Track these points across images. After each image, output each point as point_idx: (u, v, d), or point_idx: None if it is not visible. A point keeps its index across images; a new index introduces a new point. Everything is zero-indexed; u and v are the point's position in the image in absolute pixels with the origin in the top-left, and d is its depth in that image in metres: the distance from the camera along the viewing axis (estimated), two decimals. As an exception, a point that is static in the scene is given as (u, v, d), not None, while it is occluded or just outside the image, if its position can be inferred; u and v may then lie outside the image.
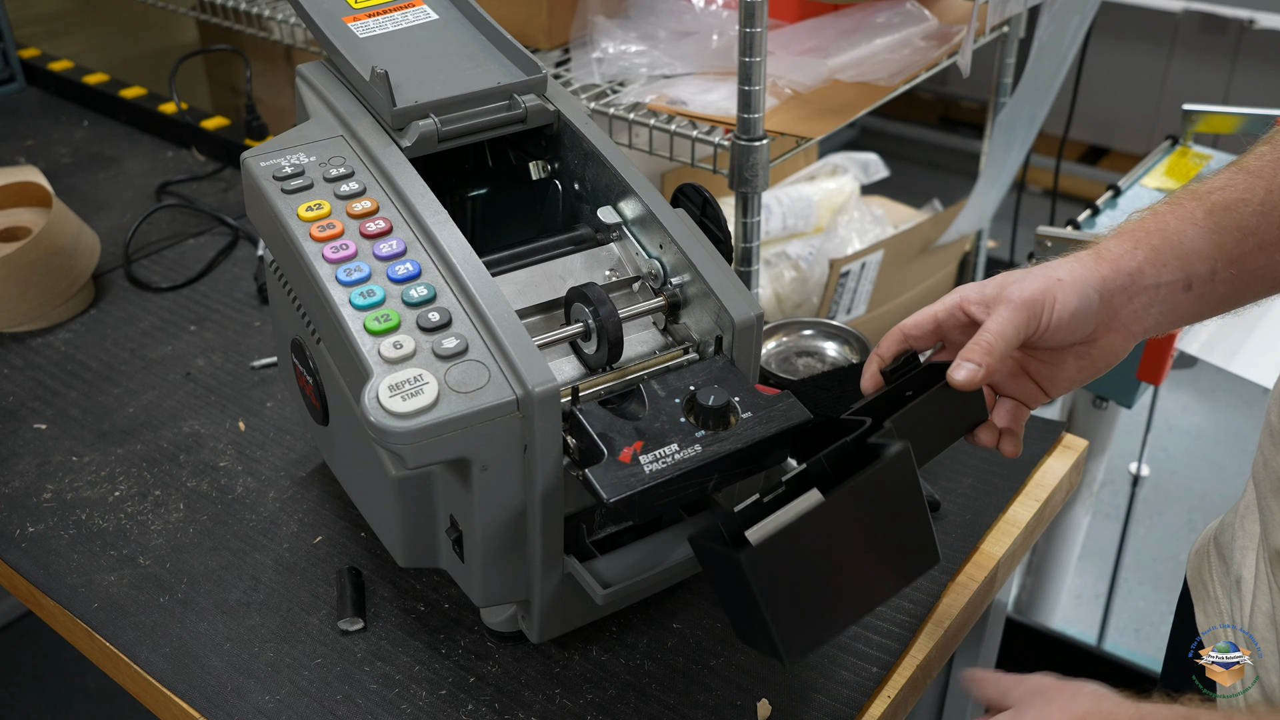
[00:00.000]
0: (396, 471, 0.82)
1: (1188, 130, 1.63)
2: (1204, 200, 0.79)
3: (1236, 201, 0.78)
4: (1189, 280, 0.78)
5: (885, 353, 0.83)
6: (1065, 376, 0.82)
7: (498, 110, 0.90)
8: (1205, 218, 0.78)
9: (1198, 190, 0.80)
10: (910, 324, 0.82)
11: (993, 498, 1.06)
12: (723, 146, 1.23)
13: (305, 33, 1.60)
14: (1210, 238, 0.77)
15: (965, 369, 0.75)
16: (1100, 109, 3.29)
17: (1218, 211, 0.78)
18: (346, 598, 0.95)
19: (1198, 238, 0.78)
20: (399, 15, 0.97)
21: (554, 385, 0.75)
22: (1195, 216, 0.78)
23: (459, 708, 0.87)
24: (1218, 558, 0.94)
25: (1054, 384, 0.83)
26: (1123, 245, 0.78)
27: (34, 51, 1.98)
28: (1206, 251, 0.78)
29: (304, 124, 0.93)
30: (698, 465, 0.75)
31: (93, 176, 1.64)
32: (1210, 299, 0.79)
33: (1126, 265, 0.78)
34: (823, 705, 0.87)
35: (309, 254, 0.82)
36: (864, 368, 0.84)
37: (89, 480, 1.09)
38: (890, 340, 0.83)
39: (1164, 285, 0.78)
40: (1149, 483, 2.36)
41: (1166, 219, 0.79)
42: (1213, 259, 0.78)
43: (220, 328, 1.31)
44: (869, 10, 1.41)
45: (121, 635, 0.94)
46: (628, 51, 1.37)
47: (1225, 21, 3.15)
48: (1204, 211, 0.78)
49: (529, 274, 0.87)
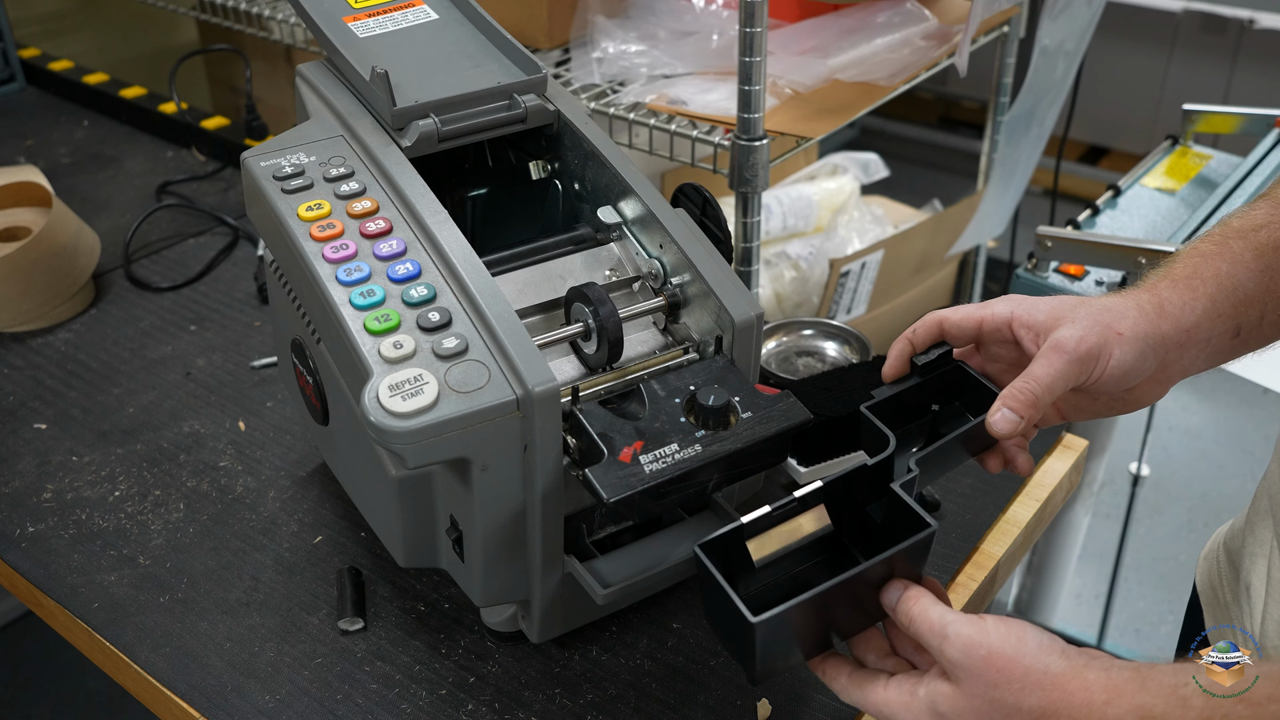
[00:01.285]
0: (396, 471, 0.82)
1: (1188, 130, 1.63)
2: (1250, 240, 0.76)
3: None
4: (1239, 328, 0.76)
5: (919, 341, 0.79)
6: (1091, 410, 0.80)
7: (498, 110, 0.90)
8: (1255, 260, 0.75)
9: (1241, 228, 0.77)
10: (953, 320, 0.79)
11: (993, 498, 1.06)
12: (723, 146, 1.23)
13: (305, 33, 1.60)
14: (1261, 281, 0.75)
15: (1008, 421, 0.72)
16: (1100, 109, 3.29)
17: (1266, 253, 0.75)
18: (346, 597, 0.95)
19: (1249, 282, 0.75)
20: (399, 15, 0.97)
21: (554, 385, 0.75)
22: (1245, 259, 0.75)
23: (459, 707, 0.87)
24: (1228, 564, 0.93)
25: (1077, 413, 0.80)
26: (1182, 296, 0.75)
27: (34, 51, 1.98)
28: (1258, 296, 0.75)
29: (304, 124, 0.93)
30: (698, 465, 0.75)
31: (93, 176, 1.64)
32: (1253, 342, 0.77)
33: (1187, 321, 0.74)
34: (823, 705, 0.87)
35: (309, 254, 0.82)
36: (891, 349, 0.81)
37: (89, 480, 1.09)
38: (927, 329, 0.79)
39: (1216, 336, 0.75)
40: (1149, 482, 2.36)
41: (1218, 264, 0.75)
42: (1263, 304, 0.75)
43: (220, 327, 1.31)
44: (869, 10, 1.41)
45: (121, 635, 0.94)
46: (628, 51, 1.37)
47: (1225, 21, 3.15)
48: (1253, 253, 0.75)
49: (529, 274, 0.87)
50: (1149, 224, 1.46)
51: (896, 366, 0.80)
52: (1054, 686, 0.61)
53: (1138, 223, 1.47)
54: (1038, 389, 0.72)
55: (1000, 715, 0.62)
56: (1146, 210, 1.49)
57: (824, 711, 0.87)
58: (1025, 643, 0.62)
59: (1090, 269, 1.37)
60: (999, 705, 0.62)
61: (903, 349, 0.80)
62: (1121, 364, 0.72)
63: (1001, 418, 0.72)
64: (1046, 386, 0.72)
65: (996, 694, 0.62)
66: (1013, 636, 0.62)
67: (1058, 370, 0.72)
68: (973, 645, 0.63)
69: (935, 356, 0.80)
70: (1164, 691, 0.59)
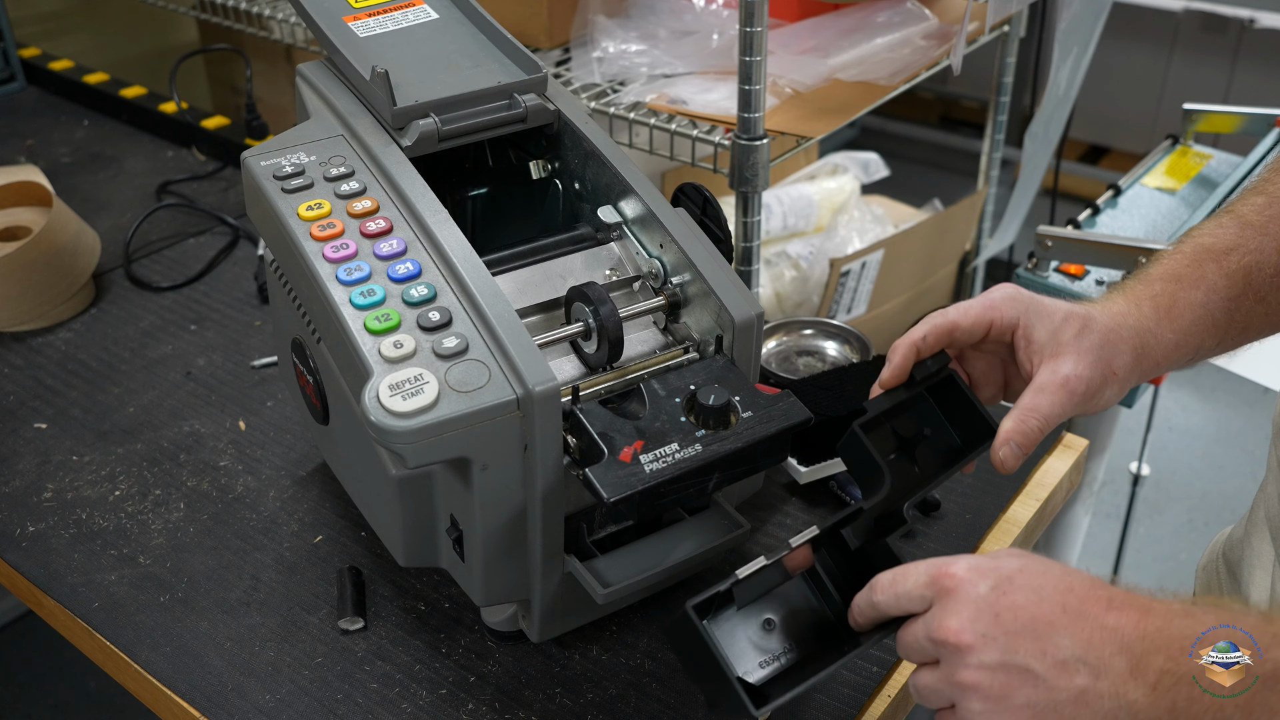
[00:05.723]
0: (397, 471, 0.82)
1: (1188, 129, 1.63)
2: (1222, 265, 0.77)
3: (1252, 267, 0.76)
4: (1197, 352, 0.78)
5: (929, 348, 0.78)
6: None
7: (498, 109, 0.90)
8: (1225, 286, 0.76)
9: (1213, 249, 0.78)
10: (964, 328, 0.77)
11: (993, 497, 1.06)
12: (723, 146, 1.23)
13: (305, 32, 1.60)
14: (1227, 310, 0.76)
15: (1014, 456, 0.73)
16: (1100, 108, 3.29)
17: (1236, 280, 0.76)
18: (347, 597, 0.95)
19: (1218, 311, 0.76)
20: (399, 15, 0.97)
21: (554, 384, 0.75)
22: (1218, 286, 0.76)
23: (459, 707, 0.87)
24: (1227, 574, 0.93)
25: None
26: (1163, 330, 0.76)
27: (34, 51, 1.98)
28: (1223, 325, 0.77)
29: (304, 123, 0.93)
30: (698, 465, 0.75)
31: (93, 176, 1.64)
32: (1195, 362, 0.79)
33: (1162, 356, 0.76)
34: (823, 705, 0.87)
35: (309, 253, 0.82)
36: (895, 354, 0.78)
37: (89, 480, 1.09)
38: (937, 336, 0.78)
39: (1175, 364, 0.78)
40: (1149, 482, 2.37)
41: (1195, 293, 0.76)
42: (1224, 332, 0.77)
43: (220, 327, 1.31)
44: (869, 9, 1.41)
45: (122, 634, 0.94)
46: (628, 51, 1.37)
47: (1225, 21, 3.15)
48: (1225, 280, 0.77)
49: (529, 273, 0.87)
50: (1149, 224, 1.46)
51: (900, 374, 0.79)
52: (1023, 556, 0.64)
53: (1138, 222, 1.47)
54: (1038, 424, 0.73)
55: (988, 598, 0.62)
56: (1147, 210, 1.49)
57: (824, 711, 0.87)
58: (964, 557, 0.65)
59: (1090, 268, 1.37)
60: (985, 591, 0.62)
61: (908, 355, 0.78)
62: (1110, 400, 0.75)
63: (1009, 453, 0.74)
64: (1049, 421, 0.74)
65: (976, 587, 0.62)
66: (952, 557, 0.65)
67: (1060, 408, 0.74)
68: (928, 565, 0.65)
69: (935, 369, 0.79)
70: None
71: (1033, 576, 0.62)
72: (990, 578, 0.62)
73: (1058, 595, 0.61)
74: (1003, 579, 0.62)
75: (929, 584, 0.64)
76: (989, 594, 0.62)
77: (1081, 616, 0.60)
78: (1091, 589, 0.61)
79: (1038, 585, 0.62)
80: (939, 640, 0.63)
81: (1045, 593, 0.61)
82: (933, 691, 0.64)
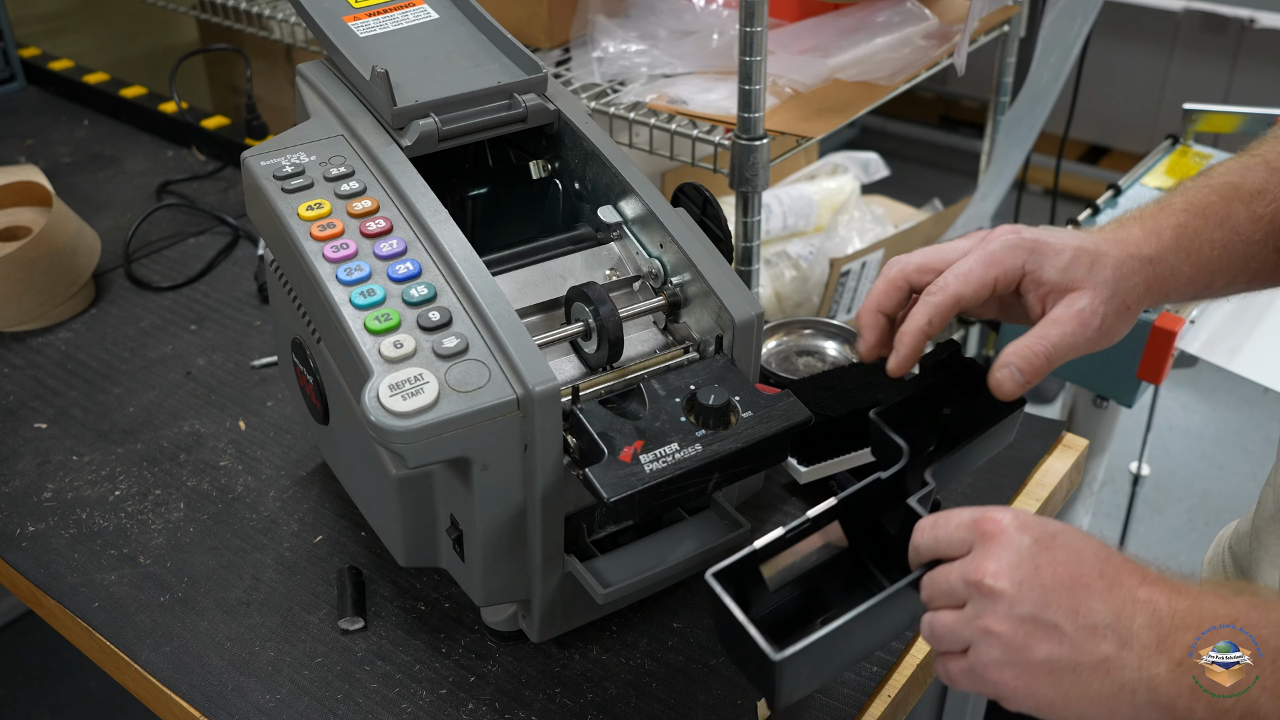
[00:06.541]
0: (396, 471, 0.82)
1: (1188, 129, 1.63)
2: (1251, 208, 0.75)
3: (1279, 215, 0.75)
4: (1206, 290, 0.77)
5: (933, 328, 0.73)
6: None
7: (498, 109, 0.90)
8: (1250, 227, 0.75)
9: (1242, 189, 0.76)
10: (968, 297, 0.73)
11: (993, 497, 1.06)
12: (723, 146, 1.23)
13: (305, 32, 1.60)
14: (1245, 252, 0.75)
15: (1013, 380, 0.70)
16: (1101, 108, 3.29)
17: (1261, 225, 0.75)
18: (347, 597, 0.95)
19: (1237, 254, 0.75)
20: (399, 14, 0.97)
21: (554, 384, 0.75)
22: (1243, 228, 0.75)
23: (459, 707, 0.87)
24: (1235, 571, 0.93)
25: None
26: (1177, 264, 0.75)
27: (34, 51, 1.98)
28: (1238, 268, 0.76)
29: (304, 123, 0.93)
30: (698, 464, 0.75)
31: (93, 176, 1.64)
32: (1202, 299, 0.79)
33: (1175, 290, 0.75)
34: (823, 705, 0.87)
35: (309, 253, 0.82)
36: (902, 341, 0.74)
37: (89, 479, 1.09)
38: (942, 315, 0.73)
39: (1186, 297, 0.77)
40: (1149, 482, 2.36)
41: (1218, 232, 0.75)
42: (1235, 273, 0.76)
43: (220, 327, 1.31)
44: (869, 9, 1.41)
45: (122, 634, 0.94)
46: (628, 51, 1.37)
47: (1225, 21, 3.15)
48: (1250, 222, 0.75)
49: (529, 273, 0.87)
50: (1149, 223, 1.46)
51: (909, 361, 0.75)
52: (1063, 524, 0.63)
53: (1138, 222, 1.46)
54: (1049, 351, 0.70)
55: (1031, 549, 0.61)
56: (1147, 210, 1.49)
57: (824, 711, 0.87)
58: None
59: (1090, 268, 1.37)
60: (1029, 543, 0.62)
61: (917, 341, 0.74)
62: (1119, 335, 0.73)
63: (1007, 375, 0.70)
64: (1056, 351, 0.70)
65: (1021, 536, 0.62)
66: None
67: (1071, 339, 0.71)
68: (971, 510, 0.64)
69: (945, 356, 0.79)
70: None
71: (1074, 539, 0.62)
72: (1034, 531, 0.62)
73: (1096, 561, 0.61)
74: (1046, 535, 0.62)
75: (971, 526, 0.64)
76: (1032, 546, 0.62)
77: (1117, 584, 0.60)
78: (1126, 562, 0.62)
79: (1079, 548, 0.62)
80: (974, 581, 0.62)
81: (1085, 556, 0.61)
82: (949, 632, 0.63)
